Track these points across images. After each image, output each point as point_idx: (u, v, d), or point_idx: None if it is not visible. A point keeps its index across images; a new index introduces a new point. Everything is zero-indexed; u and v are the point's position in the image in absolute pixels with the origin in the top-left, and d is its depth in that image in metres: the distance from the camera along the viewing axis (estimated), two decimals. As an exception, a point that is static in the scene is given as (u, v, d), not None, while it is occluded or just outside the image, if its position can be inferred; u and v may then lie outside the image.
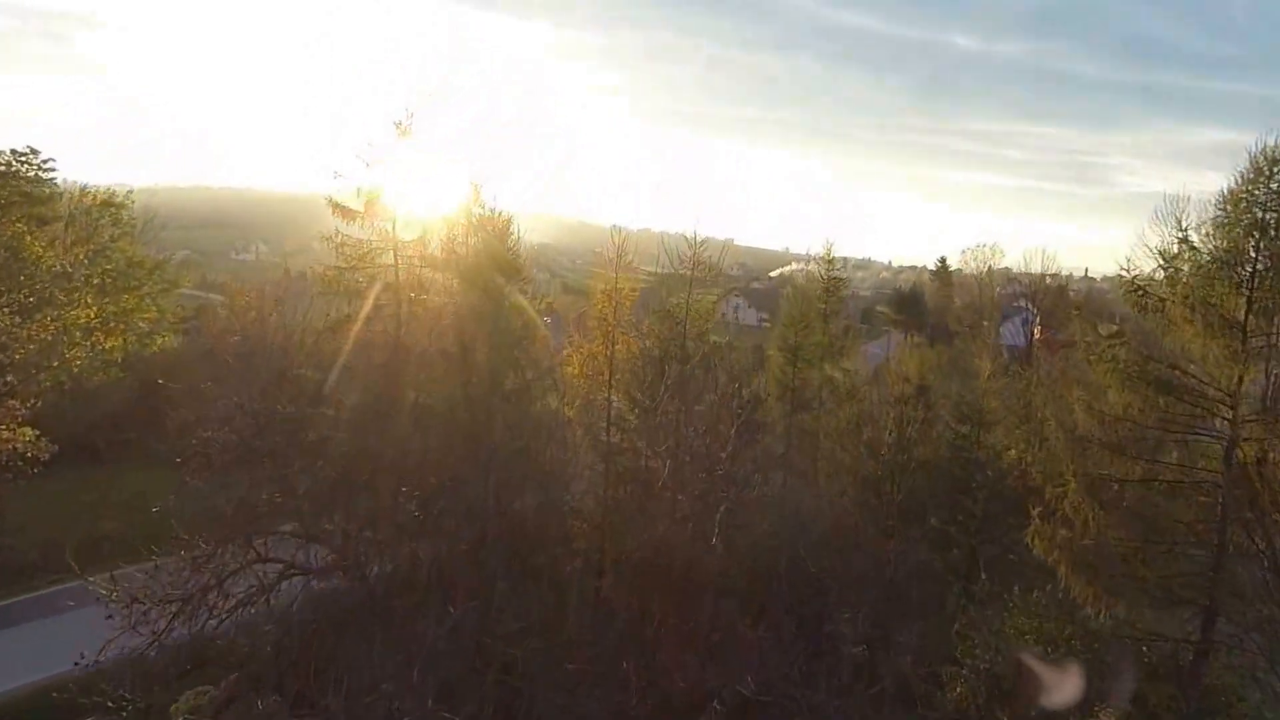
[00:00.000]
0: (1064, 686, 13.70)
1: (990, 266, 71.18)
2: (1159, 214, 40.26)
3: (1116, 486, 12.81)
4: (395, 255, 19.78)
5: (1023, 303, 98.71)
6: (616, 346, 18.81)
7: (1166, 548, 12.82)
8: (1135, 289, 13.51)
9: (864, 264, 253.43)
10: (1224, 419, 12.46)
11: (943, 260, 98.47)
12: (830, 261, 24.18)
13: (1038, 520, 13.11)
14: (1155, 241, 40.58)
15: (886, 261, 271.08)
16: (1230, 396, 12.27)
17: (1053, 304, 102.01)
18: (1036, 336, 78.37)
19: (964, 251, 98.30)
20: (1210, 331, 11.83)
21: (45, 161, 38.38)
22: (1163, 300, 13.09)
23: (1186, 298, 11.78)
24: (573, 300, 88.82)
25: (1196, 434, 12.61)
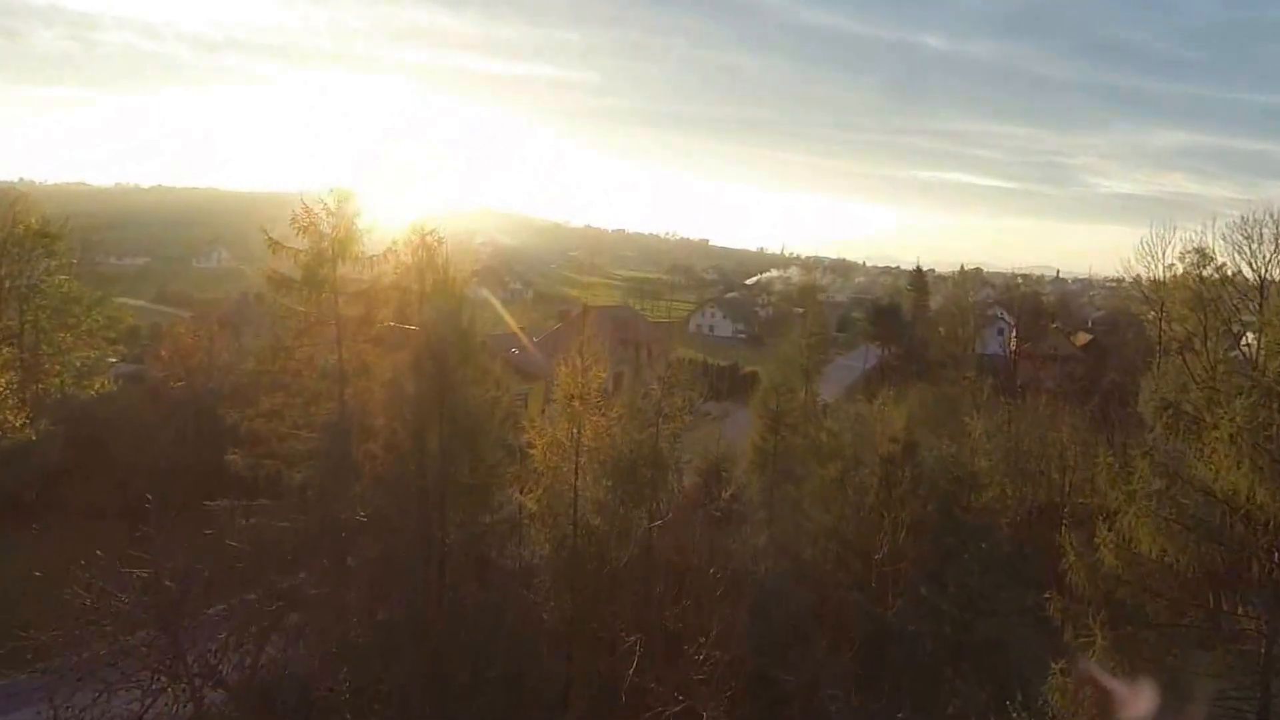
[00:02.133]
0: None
1: (969, 284, 70.26)
2: (1145, 245, 38.46)
3: (1148, 636, 11.29)
4: (338, 331, 17.90)
5: (998, 311, 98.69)
6: (584, 431, 17.04)
7: (1205, 705, 11.31)
8: (1166, 406, 11.98)
9: (838, 265, 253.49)
10: (1272, 563, 10.99)
11: (919, 269, 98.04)
12: (815, 316, 22.64)
13: (1059, 673, 11.58)
14: (1142, 271, 39.11)
15: (861, 262, 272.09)
16: (1278, 538, 10.80)
17: (1027, 309, 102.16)
18: (1015, 348, 77.89)
19: (946, 282, 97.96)
20: (1259, 474, 10.33)
21: (-31, 193, 35.92)
22: (1199, 422, 11.56)
23: (1233, 436, 10.25)
24: (544, 314, 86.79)
25: (1240, 579, 11.11)
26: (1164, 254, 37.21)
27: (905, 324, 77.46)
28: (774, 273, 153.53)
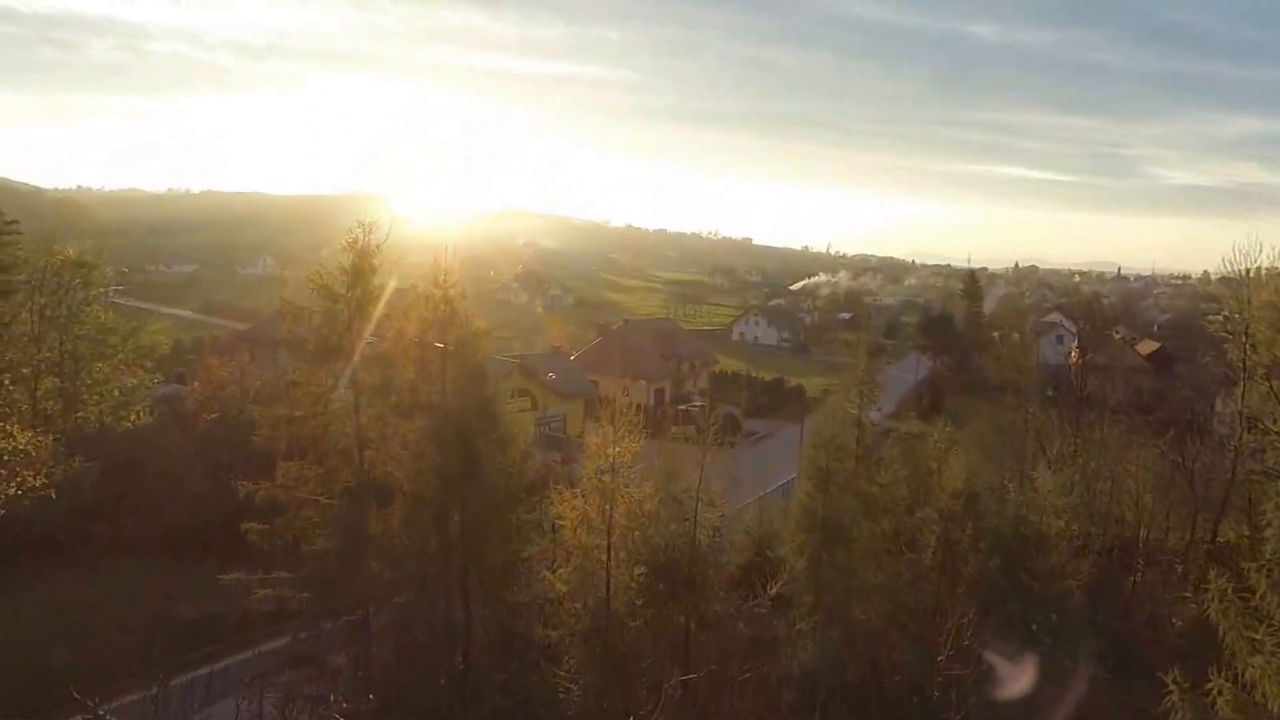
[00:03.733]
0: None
1: (1025, 289, 67.11)
2: (1225, 262, 35.45)
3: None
4: (356, 397, 16.81)
5: (1057, 318, 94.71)
6: (617, 508, 15.71)
7: None
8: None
9: (886, 264, 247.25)
10: None
11: (972, 275, 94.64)
12: (866, 385, 20.88)
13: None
14: (1221, 285, 36.17)
15: (909, 260, 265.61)
16: None
17: (1087, 316, 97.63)
18: (1077, 360, 74.23)
19: (1000, 280, 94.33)
20: None
21: (10, 223, 35.94)
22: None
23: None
24: (583, 321, 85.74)
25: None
26: (1249, 271, 34.24)
27: (958, 333, 74.45)
28: (821, 277, 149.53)
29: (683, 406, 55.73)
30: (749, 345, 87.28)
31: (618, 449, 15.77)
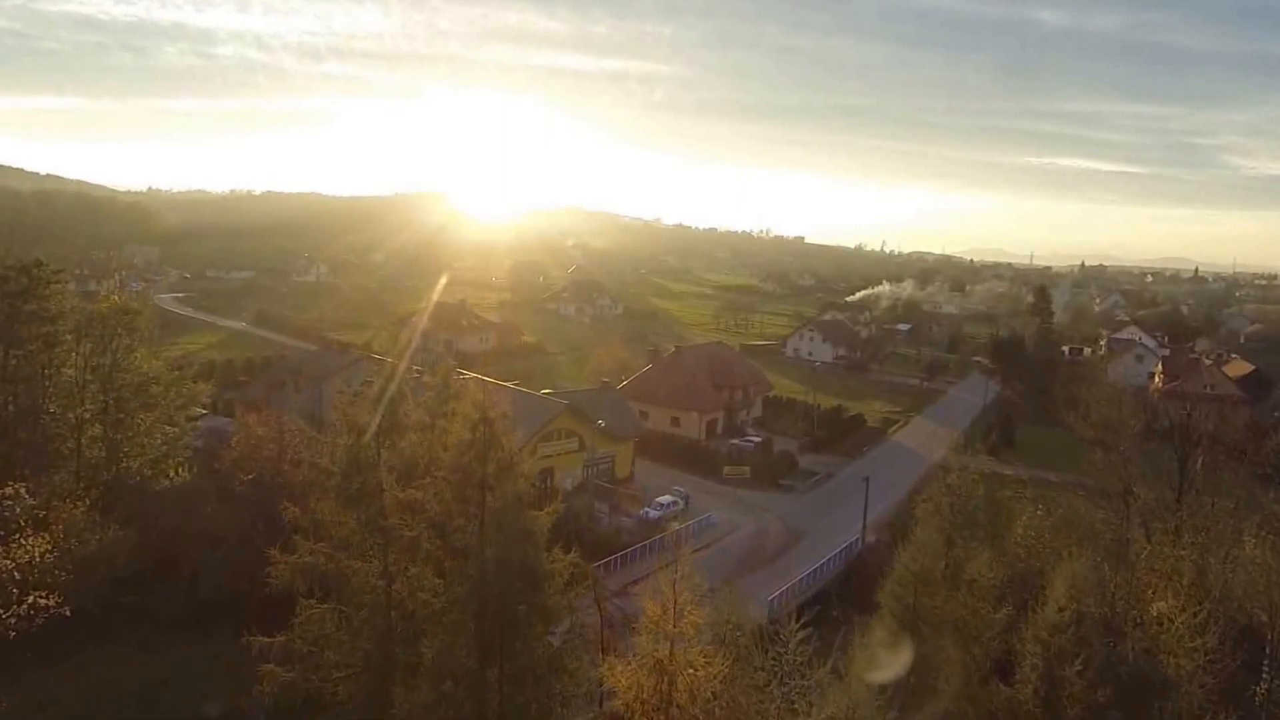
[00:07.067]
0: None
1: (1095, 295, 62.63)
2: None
3: None
4: (385, 545, 14.93)
5: (1133, 332, 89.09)
6: (676, 688, 13.54)
7: None
8: None
9: (944, 261, 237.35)
10: None
11: (1042, 289, 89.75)
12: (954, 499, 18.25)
13: None
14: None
15: (968, 259, 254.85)
16: None
17: (1167, 327, 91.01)
18: (1160, 386, 69.18)
19: (1065, 281, 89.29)
20: None
21: (56, 272, 35.27)
22: None
23: None
24: (634, 341, 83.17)
25: None
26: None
27: (1029, 356, 69.94)
28: (885, 286, 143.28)
29: (735, 441, 53.21)
30: (804, 361, 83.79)
31: (680, 623, 13.59)
